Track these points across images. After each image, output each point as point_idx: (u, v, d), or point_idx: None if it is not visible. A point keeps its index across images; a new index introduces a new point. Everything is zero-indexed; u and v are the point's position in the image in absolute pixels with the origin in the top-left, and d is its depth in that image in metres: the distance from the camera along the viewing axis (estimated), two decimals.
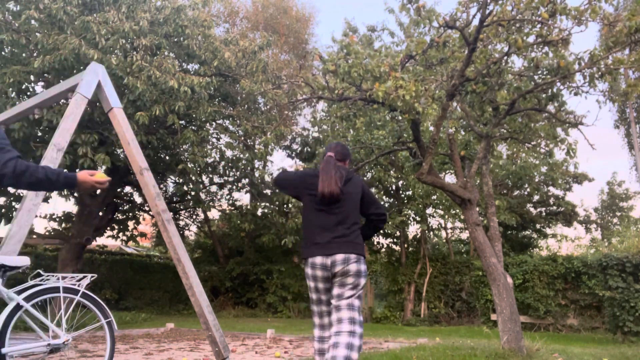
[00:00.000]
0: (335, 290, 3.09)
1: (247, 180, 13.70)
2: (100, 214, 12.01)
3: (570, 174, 15.51)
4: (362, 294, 3.19)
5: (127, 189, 14.07)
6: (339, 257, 3.05)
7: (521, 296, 10.19)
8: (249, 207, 14.00)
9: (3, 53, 9.07)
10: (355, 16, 41.73)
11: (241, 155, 12.34)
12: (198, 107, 9.60)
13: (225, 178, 14.07)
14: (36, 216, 4.96)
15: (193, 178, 11.60)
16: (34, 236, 11.48)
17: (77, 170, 10.61)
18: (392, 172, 12.27)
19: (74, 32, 8.33)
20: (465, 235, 16.47)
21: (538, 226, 16.36)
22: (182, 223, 16.85)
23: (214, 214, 16.66)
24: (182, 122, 10.78)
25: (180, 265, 4.30)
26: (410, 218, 12.52)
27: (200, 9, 10.18)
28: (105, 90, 4.48)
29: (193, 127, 11.15)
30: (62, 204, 45.85)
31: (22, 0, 8.56)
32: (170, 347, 6.28)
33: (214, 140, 13.17)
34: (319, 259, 3.09)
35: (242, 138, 12.44)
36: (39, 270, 3.37)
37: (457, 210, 11.75)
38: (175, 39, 10.10)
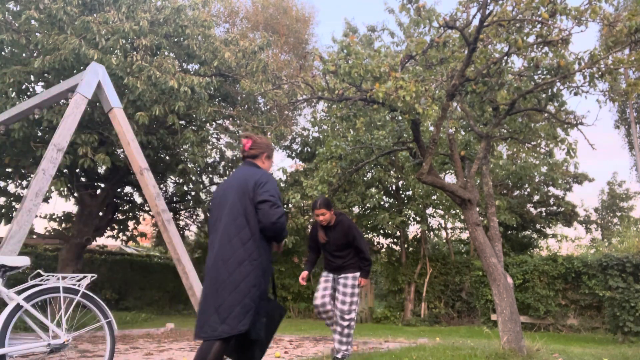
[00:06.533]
0: None
1: None
2: (100, 214, 12.01)
3: (570, 174, 15.50)
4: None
5: (127, 189, 14.06)
6: None
7: (521, 296, 10.18)
8: None
9: (3, 53, 9.06)
10: (355, 16, 41.75)
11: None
12: (198, 107, 9.59)
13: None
14: (36, 216, 4.95)
15: (193, 178, 11.61)
16: (34, 236, 11.47)
17: (77, 170, 10.61)
18: (392, 172, 12.26)
19: (74, 32, 8.33)
20: (465, 235, 16.46)
21: (538, 226, 16.34)
22: (182, 223, 16.82)
23: None
24: (182, 122, 10.76)
25: (180, 265, 4.30)
26: (410, 218, 12.51)
27: (200, 9, 10.17)
28: (105, 90, 4.49)
29: (193, 127, 11.13)
30: (62, 204, 45.81)
31: (22, 0, 8.55)
32: (170, 347, 6.28)
33: (214, 140, 13.16)
34: None
35: None
36: (39, 270, 3.37)
37: (457, 211, 11.74)
38: (175, 39, 10.09)
